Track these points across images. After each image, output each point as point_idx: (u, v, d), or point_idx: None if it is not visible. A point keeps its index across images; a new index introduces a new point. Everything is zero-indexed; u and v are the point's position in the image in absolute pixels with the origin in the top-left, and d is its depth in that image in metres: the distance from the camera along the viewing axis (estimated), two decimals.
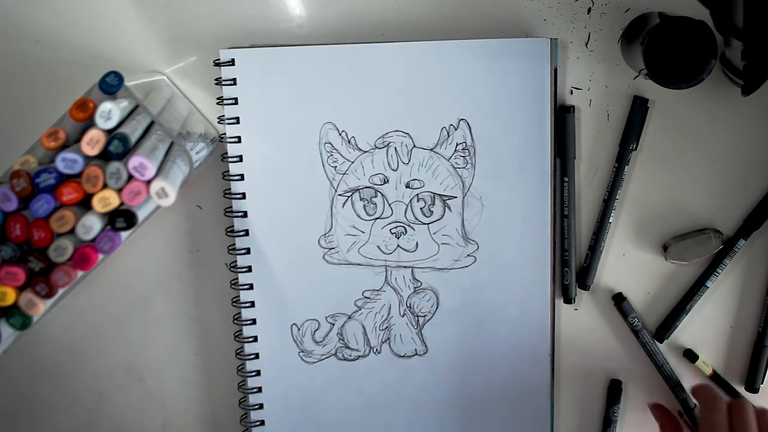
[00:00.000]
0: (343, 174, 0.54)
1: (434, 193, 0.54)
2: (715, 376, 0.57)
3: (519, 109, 0.54)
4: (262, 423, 0.56)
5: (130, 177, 0.45)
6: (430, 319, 0.56)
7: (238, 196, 0.54)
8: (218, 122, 0.55)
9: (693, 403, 0.57)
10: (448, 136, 0.54)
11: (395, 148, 0.54)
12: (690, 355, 0.57)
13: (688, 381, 0.58)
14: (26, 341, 0.57)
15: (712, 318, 0.57)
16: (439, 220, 0.55)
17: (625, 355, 0.58)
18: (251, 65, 0.53)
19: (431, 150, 0.54)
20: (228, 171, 0.54)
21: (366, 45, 0.53)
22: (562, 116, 0.55)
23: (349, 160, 0.54)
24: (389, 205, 0.55)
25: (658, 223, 0.56)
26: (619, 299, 0.56)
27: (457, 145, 0.54)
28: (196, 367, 0.59)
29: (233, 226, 0.55)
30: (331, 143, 0.54)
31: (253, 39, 0.55)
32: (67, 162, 0.45)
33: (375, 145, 0.54)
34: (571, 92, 0.55)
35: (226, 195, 0.55)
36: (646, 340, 0.56)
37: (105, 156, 0.45)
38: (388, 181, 0.54)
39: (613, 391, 0.58)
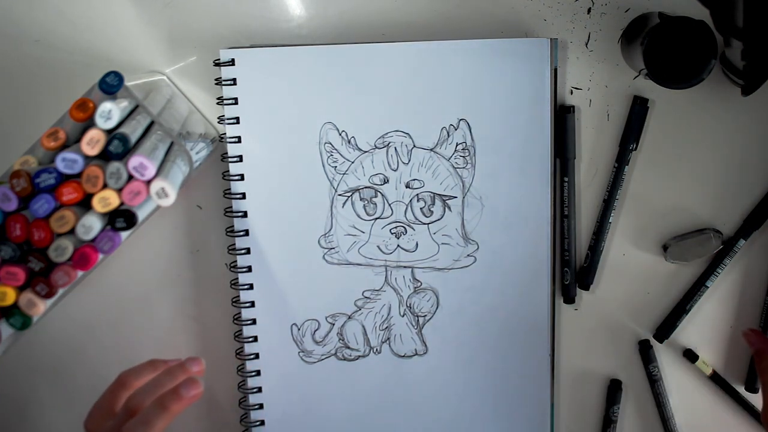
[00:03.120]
0: (343, 174, 0.54)
1: (434, 193, 0.55)
2: (714, 376, 0.57)
3: (519, 109, 0.54)
4: (262, 423, 0.56)
5: (130, 177, 0.45)
6: (430, 319, 0.56)
7: (238, 196, 0.54)
8: (218, 122, 0.55)
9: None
10: (448, 136, 0.54)
11: (395, 148, 0.54)
12: (690, 355, 0.57)
13: (688, 381, 0.58)
14: (26, 341, 0.57)
15: (712, 318, 0.57)
16: (439, 220, 0.55)
17: (625, 355, 0.58)
18: (251, 65, 0.53)
19: (431, 150, 0.54)
20: (228, 171, 0.54)
21: (366, 45, 0.53)
22: (562, 116, 0.55)
23: (349, 160, 0.54)
24: (389, 205, 0.55)
25: (658, 223, 0.56)
26: (645, 346, 0.57)
27: (457, 145, 0.54)
28: None
29: (233, 226, 0.55)
30: (331, 143, 0.54)
31: (253, 39, 0.55)
32: (67, 162, 0.45)
33: (375, 145, 0.54)
34: (571, 92, 0.55)
35: (226, 195, 0.55)
36: (660, 391, 0.57)
37: (105, 156, 0.45)
38: (388, 181, 0.54)
39: (613, 391, 0.58)
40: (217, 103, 0.54)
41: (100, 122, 0.45)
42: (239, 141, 0.54)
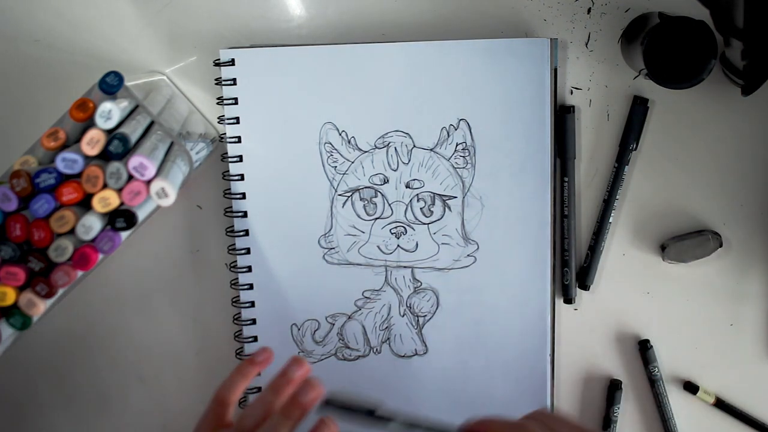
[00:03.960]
0: (343, 174, 0.54)
1: (434, 193, 0.55)
2: (719, 403, 0.57)
3: (519, 109, 0.54)
4: None
5: (130, 177, 0.45)
6: (430, 319, 0.56)
7: (238, 196, 0.54)
8: (218, 122, 0.55)
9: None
10: (448, 136, 0.54)
11: (395, 148, 0.54)
12: (690, 387, 0.57)
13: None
14: (26, 341, 0.57)
15: (713, 317, 0.57)
16: (439, 220, 0.55)
17: (625, 355, 0.58)
18: (251, 65, 0.53)
19: (431, 150, 0.54)
20: (228, 171, 0.54)
21: (366, 45, 0.53)
22: (562, 116, 0.55)
23: (349, 160, 0.54)
24: (389, 205, 0.55)
25: (658, 223, 0.56)
26: (644, 346, 0.57)
27: (457, 145, 0.54)
28: (196, 367, 0.59)
29: (233, 226, 0.55)
30: (331, 143, 0.54)
31: (253, 39, 0.55)
32: (67, 162, 0.45)
33: (375, 145, 0.54)
34: (571, 92, 0.55)
35: (226, 195, 0.55)
36: (660, 391, 0.57)
37: (105, 156, 0.45)
38: (388, 181, 0.54)
39: (613, 391, 0.58)
40: (217, 103, 0.54)
41: (100, 122, 0.45)
42: (239, 141, 0.54)
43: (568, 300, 0.57)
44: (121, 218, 0.46)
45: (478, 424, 0.45)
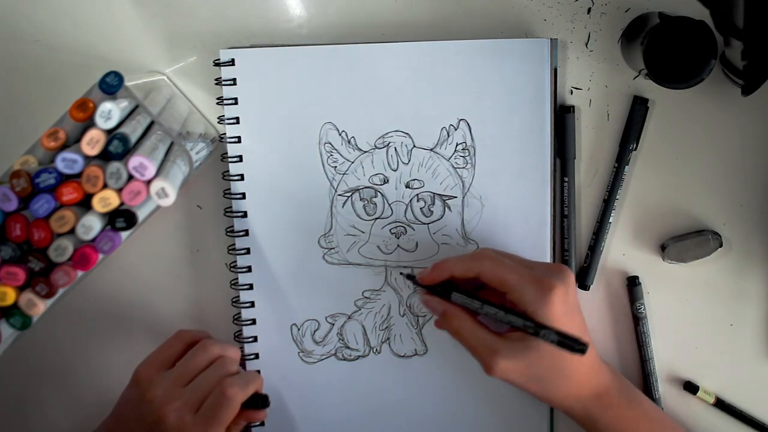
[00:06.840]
0: (343, 174, 0.54)
1: (434, 193, 0.55)
2: (719, 403, 0.57)
3: (519, 109, 0.54)
4: (262, 423, 0.56)
5: (130, 177, 0.45)
6: (430, 319, 0.56)
7: (238, 196, 0.54)
8: (218, 122, 0.55)
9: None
10: (448, 136, 0.54)
11: (395, 148, 0.54)
12: (690, 388, 0.57)
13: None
14: (26, 341, 0.57)
15: (713, 317, 0.57)
16: (439, 220, 0.55)
17: (625, 355, 0.58)
18: (251, 65, 0.53)
19: (431, 150, 0.54)
20: (228, 171, 0.54)
21: (366, 45, 0.53)
22: (562, 116, 0.55)
23: (349, 160, 0.54)
24: (389, 205, 0.55)
25: (658, 223, 0.56)
26: (632, 282, 0.56)
27: (457, 145, 0.54)
28: None
29: (233, 226, 0.55)
30: (331, 143, 0.54)
31: (253, 39, 0.55)
32: (67, 162, 0.45)
33: (375, 145, 0.54)
34: (571, 92, 0.55)
35: (226, 195, 0.55)
36: (644, 330, 0.56)
37: (105, 156, 0.45)
38: (388, 181, 0.54)
39: None
40: (217, 103, 0.54)
41: (100, 122, 0.45)
42: (239, 141, 0.54)
43: None
44: (121, 218, 0.46)
45: (435, 270, 0.50)
